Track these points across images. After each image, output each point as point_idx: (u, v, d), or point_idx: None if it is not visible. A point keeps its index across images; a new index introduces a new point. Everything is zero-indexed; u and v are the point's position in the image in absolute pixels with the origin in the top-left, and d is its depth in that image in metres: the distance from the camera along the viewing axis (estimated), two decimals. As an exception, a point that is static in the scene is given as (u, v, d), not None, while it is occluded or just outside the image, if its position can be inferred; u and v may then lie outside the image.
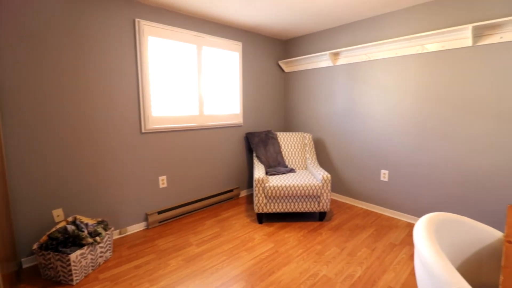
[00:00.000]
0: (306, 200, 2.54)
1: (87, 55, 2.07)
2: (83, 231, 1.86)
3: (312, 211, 2.57)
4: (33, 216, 1.94)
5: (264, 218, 2.72)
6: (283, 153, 3.18)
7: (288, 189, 2.47)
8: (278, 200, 2.53)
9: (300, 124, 3.64)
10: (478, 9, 2.08)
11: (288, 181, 2.55)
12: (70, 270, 1.71)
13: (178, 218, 2.74)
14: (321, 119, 3.34)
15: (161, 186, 2.62)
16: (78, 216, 2.01)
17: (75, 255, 1.71)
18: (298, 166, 3.13)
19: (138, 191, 2.47)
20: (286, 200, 2.54)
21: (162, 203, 2.65)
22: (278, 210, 2.55)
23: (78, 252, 1.74)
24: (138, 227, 2.50)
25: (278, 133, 3.28)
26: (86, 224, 1.94)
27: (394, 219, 2.69)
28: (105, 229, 2.02)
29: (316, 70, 3.32)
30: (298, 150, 3.19)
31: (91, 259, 1.86)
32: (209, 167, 3.02)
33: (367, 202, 2.97)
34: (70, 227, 1.82)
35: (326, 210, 2.55)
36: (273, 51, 3.57)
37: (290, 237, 2.34)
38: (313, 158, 3.10)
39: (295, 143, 3.22)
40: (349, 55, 2.94)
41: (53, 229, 1.82)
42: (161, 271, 1.88)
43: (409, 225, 2.56)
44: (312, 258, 2.02)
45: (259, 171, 2.71)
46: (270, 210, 2.54)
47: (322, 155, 3.40)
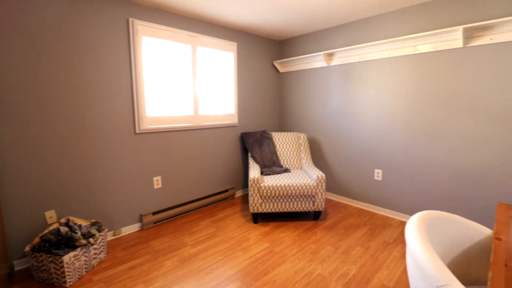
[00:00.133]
0: (301, 199, 2.56)
1: (79, 54, 2.05)
2: (76, 233, 1.84)
3: (307, 210, 2.59)
4: (25, 217, 1.91)
5: (259, 218, 2.73)
6: (278, 153, 3.19)
7: (283, 189, 2.48)
8: (273, 200, 2.54)
9: (295, 124, 3.65)
10: (469, 11, 2.12)
11: (283, 181, 2.56)
12: (63, 272, 1.69)
13: (173, 218, 2.73)
14: (316, 119, 3.36)
15: (155, 186, 2.60)
16: (71, 218, 1.99)
17: (68, 257, 1.70)
18: (293, 166, 3.14)
19: (133, 192, 2.45)
20: (281, 200, 2.55)
21: (157, 203, 2.64)
22: (273, 210, 2.56)
23: (72, 253, 1.73)
24: (133, 228, 2.48)
25: (273, 133, 3.29)
26: (80, 226, 1.92)
27: (387, 217, 2.72)
28: (99, 230, 2.01)
29: (311, 71, 3.34)
30: (293, 150, 3.20)
31: (85, 260, 1.84)
32: (204, 167, 3.01)
33: (361, 201, 3.00)
34: (63, 229, 1.80)
35: (320, 209, 2.57)
36: (268, 51, 3.58)
37: (285, 236, 2.35)
38: (308, 158, 3.12)
39: (290, 143, 3.23)
40: (343, 56, 2.97)
41: (46, 231, 1.80)
42: (156, 272, 1.87)
43: (402, 223, 2.59)
44: (307, 257, 2.03)
45: (254, 171, 2.72)
46: (265, 210, 2.55)
47: (317, 155, 3.42)
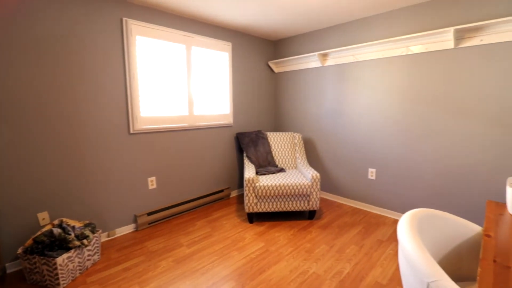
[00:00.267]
0: (296, 199, 2.57)
1: (75, 54, 2.03)
2: (70, 234, 1.82)
3: (302, 209, 2.61)
4: (17, 219, 1.89)
5: (254, 218, 2.73)
6: (273, 152, 3.20)
7: (278, 188, 2.49)
8: (268, 200, 2.55)
9: (290, 124, 3.67)
10: (460, 12, 2.16)
11: (278, 180, 2.58)
12: (57, 274, 1.67)
13: (168, 219, 2.72)
14: (311, 119, 3.39)
15: (150, 187, 2.59)
16: (64, 219, 1.97)
17: (61, 259, 1.68)
18: (288, 165, 3.16)
19: (127, 193, 2.44)
20: (276, 200, 2.56)
21: (152, 204, 2.63)
22: (268, 210, 2.57)
23: (65, 255, 1.71)
24: (127, 229, 2.46)
25: (268, 133, 3.30)
26: (73, 227, 1.91)
27: (381, 216, 2.75)
28: (93, 231, 1.99)
29: (306, 71, 3.36)
30: (288, 149, 3.22)
31: (79, 262, 1.82)
32: (199, 167, 3.01)
33: (356, 200, 3.03)
34: (56, 230, 1.78)
35: (315, 208, 2.59)
36: (263, 51, 3.59)
37: (281, 236, 2.36)
38: (303, 157, 3.14)
39: (285, 143, 3.25)
40: (337, 56, 2.99)
41: (39, 233, 1.77)
42: (151, 272, 1.86)
43: (395, 221, 2.62)
44: (302, 256, 2.05)
45: (249, 171, 2.73)
46: (260, 210, 2.56)
47: (312, 155, 3.44)
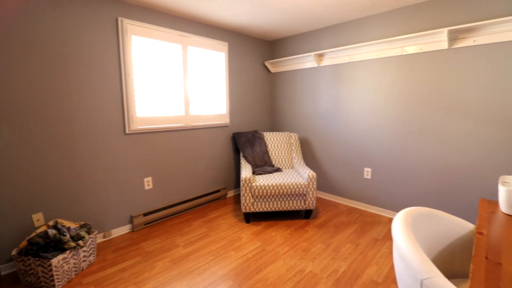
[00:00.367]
0: (292, 198, 2.58)
1: (71, 54, 2.01)
2: (65, 235, 1.81)
3: (298, 209, 2.62)
4: (11, 220, 1.86)
5: (251, 218, 2.74)
6: (269, 152, 3.21)
7: (275, 188, 2.50)
8: (265, 199, 2.56)
9: (286, 124, 3.68)
10: (454, 13, 2.19)
11: (275, 180, 2.58)
12: (52, 275, 1.66)
13: (164, 219, 2.71)
14: (307, 119, 3.40)
15: (146, 187, 2.58)
16: (59, 220, 1.95)
17: (56, 260, 1.67)
18: (285, 165, 3.17)
19: (123, 193, 2.42)
20: (273, 199, 2.57)
21: (148, 205, 2.62)
22: (265, 209, 2.58)
23: (60, 256, 1.69)
24: (123, 230, 2.45)
25: (264, 133, 3.31)
26: (68, 228, 1.89)
27: (377, 215, 2.78)
28: (88, 232, 1.98)
29: (302, 71, 3.38)
30: (284, 149, 3.23)
31: (74, 263, 1.81)
32: (196, 167, 3.00)
33: (352, 200, 3.05)
34: (51, 231, 1.77)
35: (312, 208, 2.60)
36: (259, 51, 3.59)
37: (277, 235, 2.37)
38: (299, 157, 3.15)
39: (282, 142, 3.26)
40: (333, 57, 3.01)
41: (33, 234, 1.76)
42: (147, 273, 1.86)
43: (391, 220, 2.65)
44: (299, 255, 2.06)
45: (246, 170, 2.73)
46: (257, 210, 2.56)
47: (308, 154, 3.46)
